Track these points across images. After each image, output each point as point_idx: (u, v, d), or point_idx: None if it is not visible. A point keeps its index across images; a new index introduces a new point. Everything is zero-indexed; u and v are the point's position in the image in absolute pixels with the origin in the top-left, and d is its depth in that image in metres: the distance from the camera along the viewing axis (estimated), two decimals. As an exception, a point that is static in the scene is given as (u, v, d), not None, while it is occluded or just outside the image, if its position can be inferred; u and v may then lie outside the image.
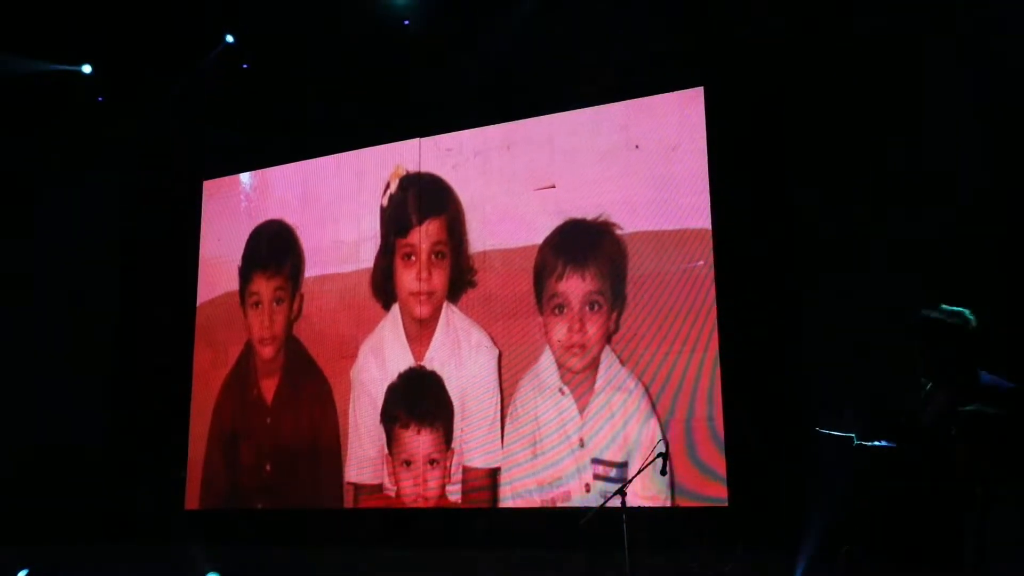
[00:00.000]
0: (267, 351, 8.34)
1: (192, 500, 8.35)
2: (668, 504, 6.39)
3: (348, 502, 7.64)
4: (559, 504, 6.77)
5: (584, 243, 7.05)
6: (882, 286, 5.87)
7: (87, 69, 8.57)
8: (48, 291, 8.98)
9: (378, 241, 7.93)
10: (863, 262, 6.04)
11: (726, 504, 6.24)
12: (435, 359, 7.50)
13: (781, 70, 6.60)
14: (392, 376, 7.66)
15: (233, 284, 8.60)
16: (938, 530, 3.01)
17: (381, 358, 7.73)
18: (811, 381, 6.13)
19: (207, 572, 7.08)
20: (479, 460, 7.16)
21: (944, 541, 2.96)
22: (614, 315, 6.85)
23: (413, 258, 7.72)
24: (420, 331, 7.59)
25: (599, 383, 6.80)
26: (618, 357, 6.77)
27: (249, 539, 7.87)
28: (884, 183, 6.05)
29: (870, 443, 3.52)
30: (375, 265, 7.92)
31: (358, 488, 7.61)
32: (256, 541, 7.78)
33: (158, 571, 7.53)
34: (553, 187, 7.23)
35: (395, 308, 7.75)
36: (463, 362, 7.37)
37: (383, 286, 7.85)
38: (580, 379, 6.87)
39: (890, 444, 3.47)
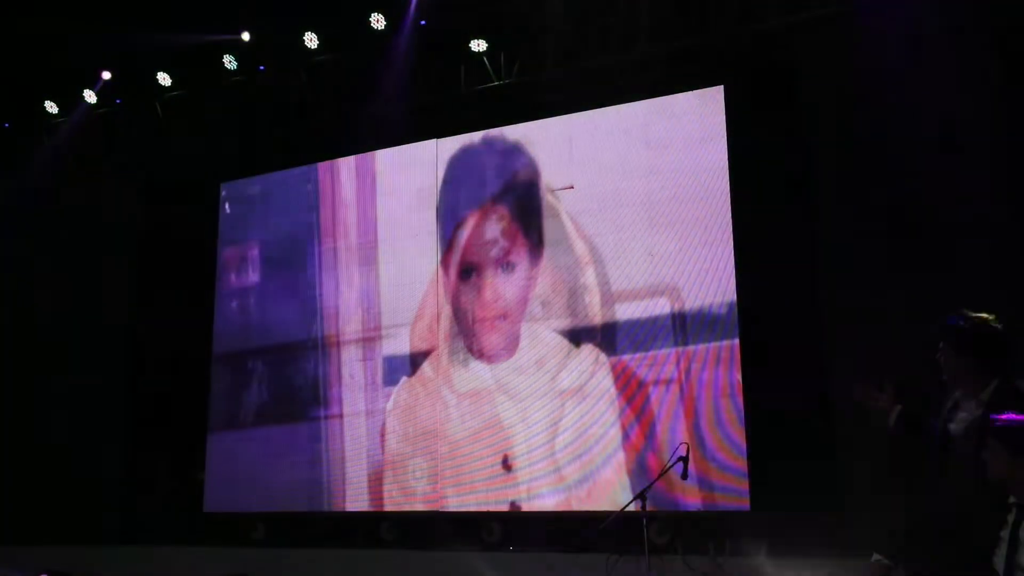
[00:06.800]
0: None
1: (211, 502, 8.35)
2: (687, 509, 6.34)
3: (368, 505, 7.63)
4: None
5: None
6: (906, 283, 5.80)
7: (107, 75, 8.62)
8: (67, 294, 9.00)
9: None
10: (887, 260, 5.96)
11: (748, 507, 6.19)
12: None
13: (801, 67, 6.55)
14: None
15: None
16: (970, 543, 2.94)
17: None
18: (835, 385, 6.08)
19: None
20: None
21: (976, 554, 2.89)
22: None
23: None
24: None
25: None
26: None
27: (267, 542, 7.88)
28: (909, 181, 5.97)
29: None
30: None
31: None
32: (275, 544, 7.78)
33: (176, 573, 7.54)
34: (572, 188, 7.19)
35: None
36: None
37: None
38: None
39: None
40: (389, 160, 8.08)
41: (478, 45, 7.51)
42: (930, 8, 6.07)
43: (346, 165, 8.30)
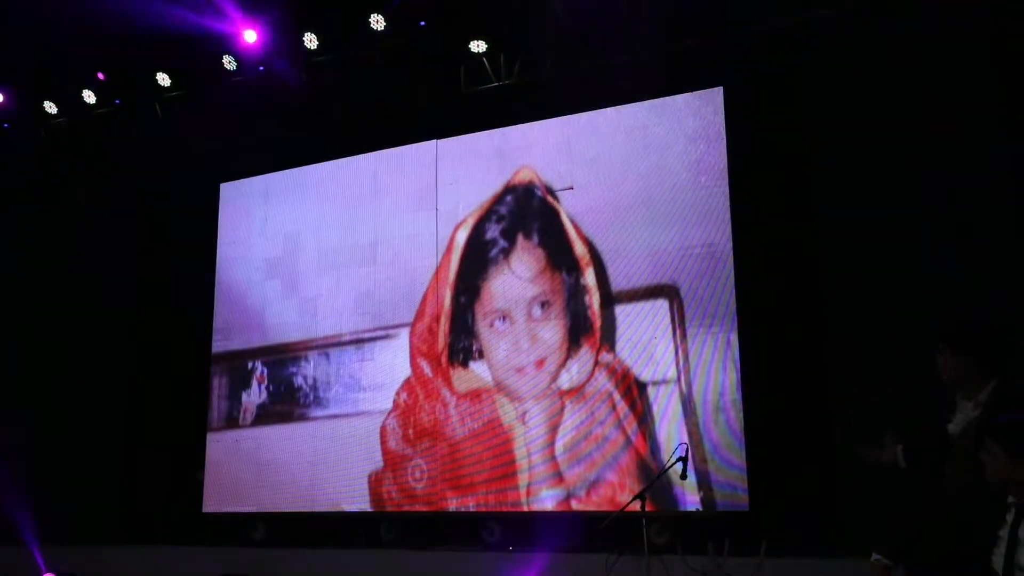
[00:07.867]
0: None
1: (211, 502, 8.35)
2: (687, 509, 6.34)
3: (368, 505, 7.63)
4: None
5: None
6: (906, 283, 5.80)
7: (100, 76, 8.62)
8: (67, 293, 9.00)
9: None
10: (886, 260, 5.96)
11: (747, 508, 6.18)
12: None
13: (801, 69, 6.55)
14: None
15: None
16: (969, 543, 2.94)
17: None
18: (835, 385, 6.07)
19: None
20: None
21: (975, 554, 2.89)
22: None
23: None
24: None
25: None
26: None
27: (267, 542, 7.87)
28: (908, 180, 5.97)
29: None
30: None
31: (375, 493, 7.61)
32: (275, 544, 7.78)
33: (176, 573, 7.55)
34: (571, 188, 7.19)
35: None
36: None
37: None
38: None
39: None
40: (389, 160, 8.08)
41: (478, 45, 7.49)
42: (930, 8, 6.07)
43: (346, 165, 8.30)
